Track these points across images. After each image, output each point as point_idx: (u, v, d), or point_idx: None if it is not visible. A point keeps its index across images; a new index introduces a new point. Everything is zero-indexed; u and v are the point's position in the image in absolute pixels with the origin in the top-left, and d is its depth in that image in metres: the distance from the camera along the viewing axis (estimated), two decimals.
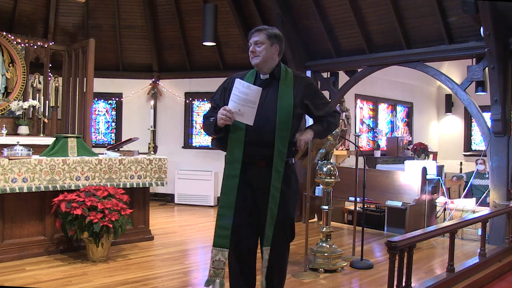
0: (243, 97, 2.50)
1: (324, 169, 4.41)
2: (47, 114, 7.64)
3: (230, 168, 2.61)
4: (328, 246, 4.39)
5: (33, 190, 4.41)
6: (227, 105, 2.56)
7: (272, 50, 2.65)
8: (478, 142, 10.73)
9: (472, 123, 10.70)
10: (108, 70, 8.48)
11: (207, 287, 2.55)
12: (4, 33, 7.19)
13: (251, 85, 2.53)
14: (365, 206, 5.62)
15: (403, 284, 2.80)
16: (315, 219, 6.97)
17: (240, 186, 2.59)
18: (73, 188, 4.62)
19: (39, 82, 7.72)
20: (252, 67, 2.74)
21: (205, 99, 8.63)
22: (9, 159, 4.28)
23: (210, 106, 2.81)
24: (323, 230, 4.44)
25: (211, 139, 2.84)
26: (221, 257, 2.52)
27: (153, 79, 8.62)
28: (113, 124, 8.86)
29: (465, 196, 6.81)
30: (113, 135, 8.84)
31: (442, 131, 11.30)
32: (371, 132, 9.31)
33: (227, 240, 2.53)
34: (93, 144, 7.90)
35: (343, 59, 6.99)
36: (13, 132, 7.20)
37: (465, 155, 10.72)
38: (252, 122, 2.52)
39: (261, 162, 2.61)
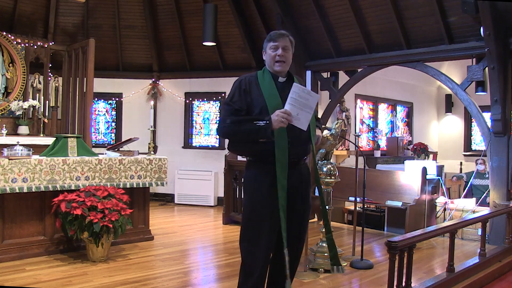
0: (304, 102, 2.51)
1: (324, 169, 4.41)
2: (47, 114, 7.65)
3: (280, 171, 2.56)
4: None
5: (33, 190, 4.41)
6: (250, 106, 2.61)
7: (291, 55, 2.78)
8: (478, 142, 10.71)
9: (472, 123, 10.68)
10: (108, 70, 8.49)
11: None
12: (4, 33, 7.19)
13: (311, 92, 2.57)
14: (365, 206, 5.61)
15: (403, 284, 2.80)
16: (315, 219, 6.96)
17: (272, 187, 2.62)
18: (73, 188, 4.62)
19: (39, 82, 7.72)
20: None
21: (205, 99, 8.64)
22: (9, 159, 4.28)
23: (231, 109, 2.64)
24: (323, 230, 4.44)
25: (232, 144, 2.72)
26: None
27: (153, 79, 8.62)
28: (113, 124, 8.86)
29: (465, 196, 6.80)
30: (113, 135, 8.84)
31: (442, 131, 11.29)
32: (371, 132, 9.30)
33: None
34: (93, 144, 7.90)
35: (343, 59, 7.00)
36: (13, 132, 7.20)
37: (465, 155, 10.71)
38: (306, 127, 2.56)
39: (293, 162, 2.67)
